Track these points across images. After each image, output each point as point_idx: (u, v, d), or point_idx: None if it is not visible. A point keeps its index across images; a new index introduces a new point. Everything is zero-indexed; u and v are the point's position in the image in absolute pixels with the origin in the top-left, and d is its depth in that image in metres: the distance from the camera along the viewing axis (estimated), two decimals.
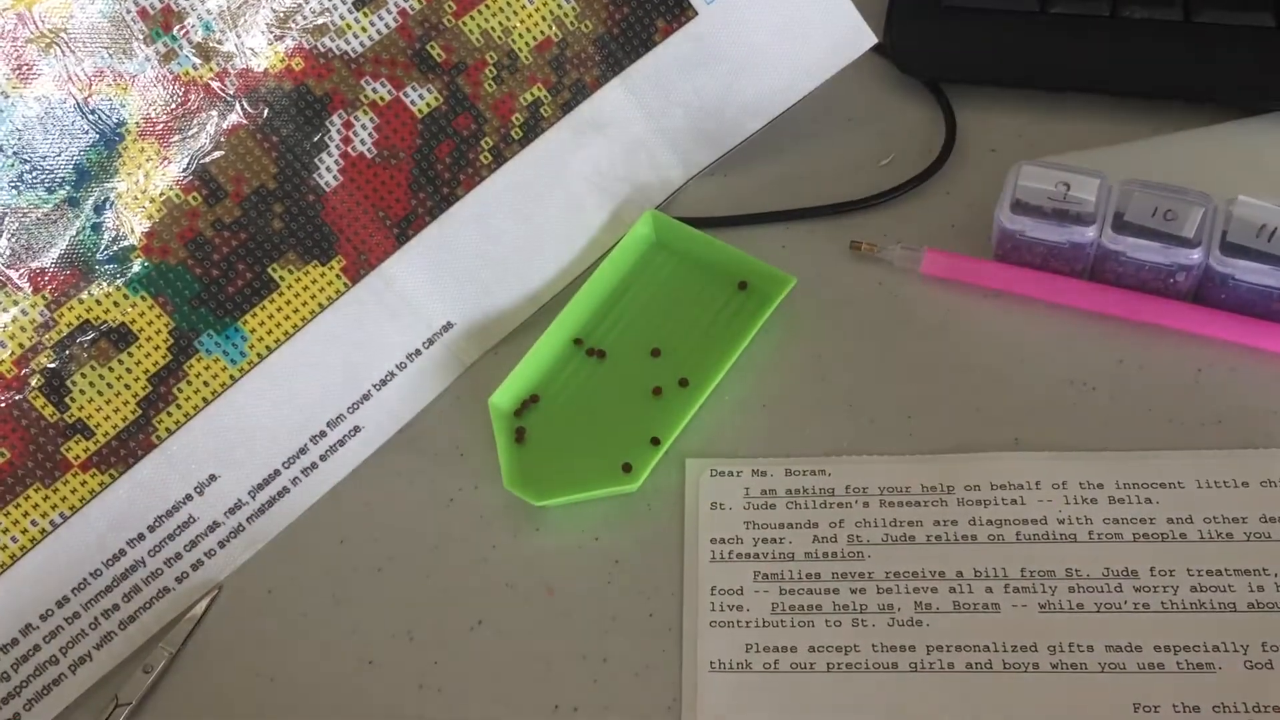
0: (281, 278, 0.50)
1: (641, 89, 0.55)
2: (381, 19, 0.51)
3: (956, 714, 0.42)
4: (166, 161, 0.49)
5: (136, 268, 0.48)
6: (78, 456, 0.47)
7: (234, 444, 0.49)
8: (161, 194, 0.49)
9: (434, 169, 0.52)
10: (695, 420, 0.50)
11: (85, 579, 0.47)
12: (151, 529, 0.48)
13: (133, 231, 0.48)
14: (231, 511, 0.49)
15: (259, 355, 0.50)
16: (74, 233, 0.47)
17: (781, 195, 0.56)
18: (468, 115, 0.53)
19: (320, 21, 0.51)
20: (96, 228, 0.48)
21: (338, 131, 0.51)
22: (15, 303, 0.46)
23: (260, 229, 0.50)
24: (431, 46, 0.52)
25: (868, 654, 0.44)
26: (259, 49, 0.50)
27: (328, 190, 0.51)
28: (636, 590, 0.46)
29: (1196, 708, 0.42)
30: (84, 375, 0.47)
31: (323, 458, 0.50)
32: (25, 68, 0.46)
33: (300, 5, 0.50)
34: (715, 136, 0.56)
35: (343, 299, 0.51)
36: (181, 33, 0.48)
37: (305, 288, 0.50)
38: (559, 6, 0.54)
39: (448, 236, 0.52)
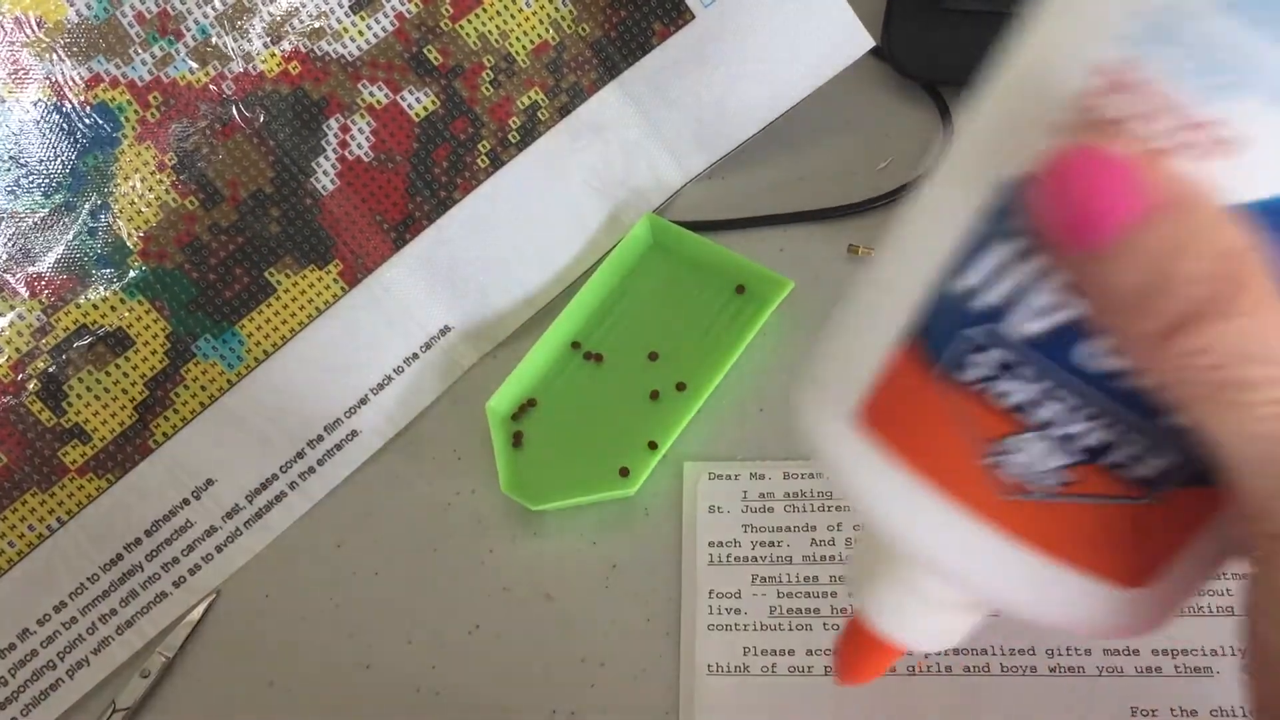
0: (279, 282, 0.50)
1: (639, 92, 0.55)
2: (378, 22, 0.51)
3: (954, 717, 0.42)
4: (163, 166, 0.48)
5: (133, 272, 0.48)
6: (75, 461, 0.47)
7: (231, 448, 0.49)
8: (158, 198, 0.49)
9: (431, 173, 0.52)
10: (693, 424, 0.50)
11: (82, 584, 0.47)
12: (149, 533, 0.48)
13: (129, 236, 0.48)
14: (229, 516, 0.49)
15: (256, 359, 0.50)
16: (70, 237, 0.47)
17: (779, 198, 0.56)
18: (465, 119, 0.53)
19: (317, 25, 0.51)
20: (93, 232, 0.48)
21: (335, 135, 0.51)
22: (12, 308, 0.46)
23: (257, 233, 0.50)
24: (428, 50, 0.52)
25: None
26: (255, 53, 0.50)
27: (325, 194, 0.51)
28: (634, 594, 0.46)
29: (1194, 712, 0.42)
30: (81, 380, 0.47)
31: (320, 462, 0.50)
32: (21, 72, 0.46)
33: (297, 9, 0.50)
34: (713, 140, 0.56)
35: (340, 303, 0.51)
36: (178, 37, 0.48)
37: (302, 292, 0.50)
38: (556, 10, 0.54)
39: (445, 240, 0.52)
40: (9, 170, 0.46)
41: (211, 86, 0.49)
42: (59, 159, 0.47)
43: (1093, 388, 0.22)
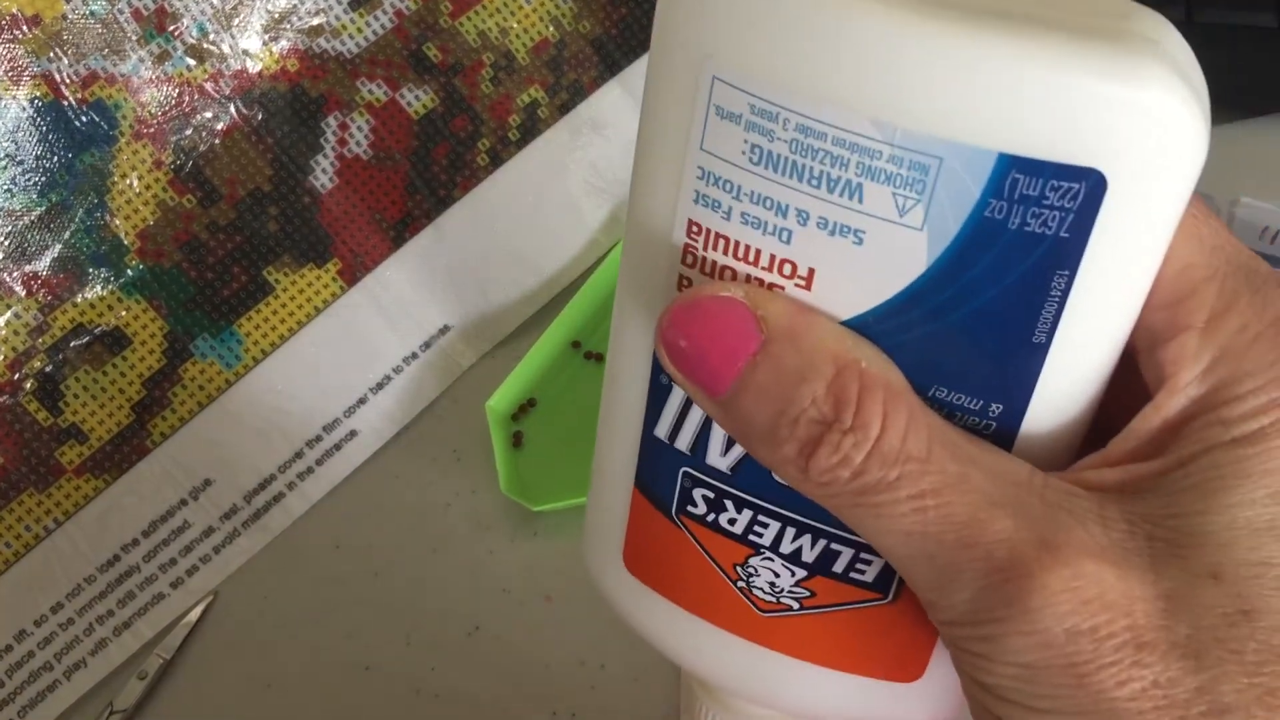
0: (277, 280, 0.50)
1: (640, 89, 0.54)
2: (377, 19, 0.51)
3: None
4: (160, 164, 0.48)
5: (130, 271, 0.48)
6: (71, 461, 0.47)
7: (229, 448, 0.49)
8: (155, 196, 0.48)
9: (430, 171, 0.52)
10: None
11: (80, 585, 0.47)
12: (146, 534, 0.48)
13: (126, 234, 0.48)
14: (226, 517, 0.48)
15: (254, 359, 0.49)
16: (67, 236, 0.47)
17: None
18: (464, 117, 0.52)
19: (315, 22, 0.50)
20: (90, 230, 0.47)
21: (333, 133, 0.51)
22: (9, 306, 0.46)
23: (255, 231, 0.49)
24: (428, 47, 0.52)
25: None
26: (253, 50, 0.49)
27: (323, 192, 0.50)
28: None
29: None
30: (78, 379, 0.47)
31: (319, 462, 0.50)
32: (17, 69, 0.46)
33: (295, 6, 0.50)
34: None
35: (339, 302, 0.50)
36: (175, 34, 0.48)
37: (301, 290, 0.50)
38: (556, 7, 0.53)
39: (444, 239, 0.52)
40: (5, 168, 0.46)
41: (209, 84, 0.49)
42: (55, 157, 0.47)
43: (789, 508, 0.24)
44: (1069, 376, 0.22)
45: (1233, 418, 0.21)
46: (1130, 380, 0.23)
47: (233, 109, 0.49)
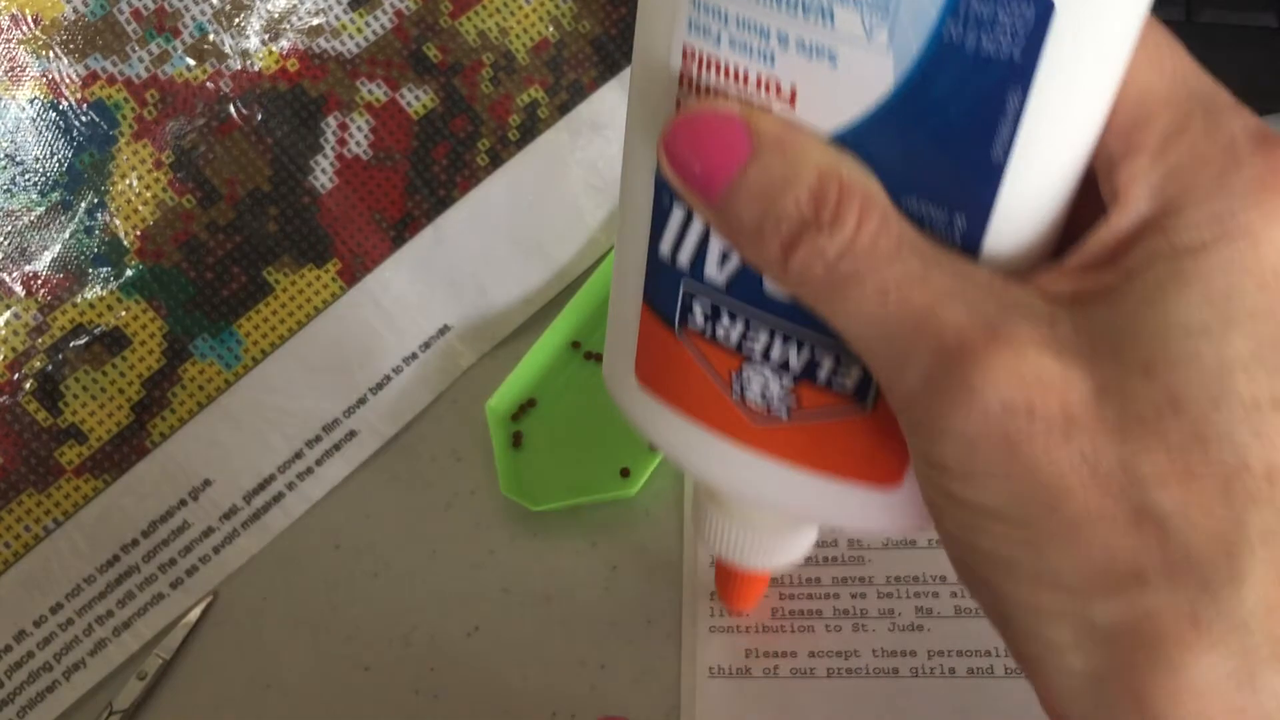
0: (277, 281, 0.50)
1: None
2: (377, 19, 0.51)
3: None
4: (160, 164, 0.48)
5: (130, 271, 0.48)
6: (71, 462, 0.47)
7: (229, 449, 0.49)
8: (155, 196, 0.48)
9: (430, 171, 0.52)
10: None
11: (79, 585, 0.47)
12: (145, 534, 0.48)
13: (126, 234, 0.48)
14: (226, 517, 0.48)
15: (254, 359, 0.49)
16: (67, 236, 0.47)
17: None
18: (464, 117, 0.52)
19: (315, 22, 0.50)
20: (90, 231, 0.47)
21: (333, 133, 0.51)
22: (8, 306, 0.46)
23: (255, 232, 0.49)
24: (428, 47, 0.52)
25: (868, 659, 0.43)
26: (253, 50, 0.49)
27: (323, 193, 0.50)
28: (635, 596, 0.46)
29: None
30: (77, 379, 0.47)
31: (318, 462, 0.50)
32: (18, 69, 0.46)
33: (295, 6, 0.50)
34: None
35: (338, 302, 0.50)
36: (175, 34, 0.48)
37: (300, 291, 0.50)
38: (556, 7, 0.53)
39: (444, 239, 0.52)
40: (5, 168, 0.46)
41: (209, 84, 0.49)
42: (55, 157, 0.47)
43: (778, 315, 0.27)
44: (1027, 193, 0.24)
45: (1176, 229, 0.23)
46: (1093, 205, 0.25)
47: (233, 109, 0.49)
